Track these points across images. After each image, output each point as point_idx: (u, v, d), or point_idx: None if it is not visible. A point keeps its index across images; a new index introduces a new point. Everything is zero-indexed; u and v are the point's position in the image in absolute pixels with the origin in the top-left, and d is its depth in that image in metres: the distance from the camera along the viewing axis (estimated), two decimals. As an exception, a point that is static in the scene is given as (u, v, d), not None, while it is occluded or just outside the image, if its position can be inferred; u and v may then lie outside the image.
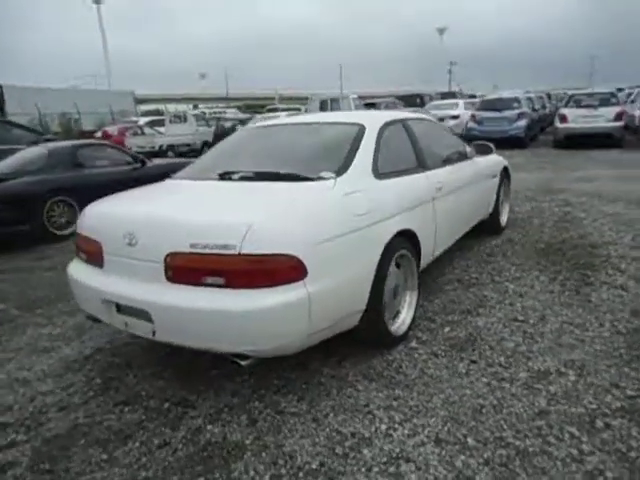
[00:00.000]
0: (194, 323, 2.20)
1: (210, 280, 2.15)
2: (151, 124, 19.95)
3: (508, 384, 2.48)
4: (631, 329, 2.96)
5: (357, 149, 2.88)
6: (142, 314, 2.37)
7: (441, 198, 3.42)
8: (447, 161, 3.81)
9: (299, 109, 20.68)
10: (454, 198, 3.67)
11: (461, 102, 17.25)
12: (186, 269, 2.21)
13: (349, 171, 2.70)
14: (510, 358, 2.72)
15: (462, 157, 4.11)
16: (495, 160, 4.90)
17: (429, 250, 3.32)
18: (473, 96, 26.68)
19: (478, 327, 3.12)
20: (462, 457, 1.99)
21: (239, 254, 2.09)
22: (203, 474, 2.01)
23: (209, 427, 2.30)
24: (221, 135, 16.93)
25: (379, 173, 2.86)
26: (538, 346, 2.83)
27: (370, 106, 16.30)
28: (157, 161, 8.43)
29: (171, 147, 16.45)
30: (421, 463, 1.98)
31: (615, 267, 4.02)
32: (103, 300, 2.50)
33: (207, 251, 2.13)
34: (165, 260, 2.25)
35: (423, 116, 4.23)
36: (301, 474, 1.97)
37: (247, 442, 2.18)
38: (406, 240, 2.91)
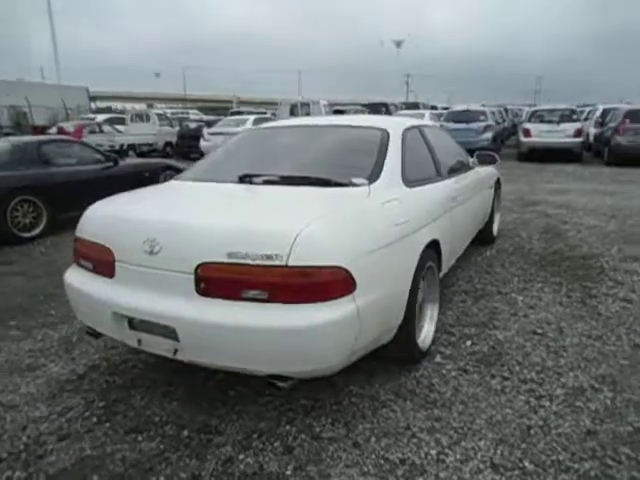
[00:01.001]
0: (229, 341, 1.97)
1: (250, 294, 1.94)
2: (110, 122, 19.08)
3: (548, 402, 2.40)
4: (648, 342, 2.98)
5: (385, 155, 2.74)
6: (163, 330, 2.12)
7: (456, 207, 3.35)
8: (457, 170, 3.75)
9: (265, 113, 20.41)
10: (464, 208, 3.61)
11: (427, 113, 17.57)
12: (222, 281, 1.98)
13: (381, 178, 2.56)
14: (541, 374, 2.65)
15: (468, 167, 4.07)
16: (490, 171, 4.91)
17: (448, 260, 3.23)
18: (434, 107, 27.39)
19: (499, 340, 3.04)
20: (525, 484, 1.88)
21: (286, 266, 1.89)
22: (246, 513, 1.79)
23: (241, 456, 2.07)
24: (187, 136, 16.48)
25: (408, 181, 2.73)
26: (564, 360, 2.79)
27: (339, 113, 16.31)
28: (130, 160, 7.97)
29: (132, 146, 15.76)
30: (484, 492, 1.85)
31: (612, 279, 4.09)
32: (114, 314, 2.22)
33: (248, 262, 1.92)
34: (196, 271, 2.01)
35: (432, 123, 4.16)
36: (356, 508, 1.79)
37: (288, 473, 1.97)
38: (433, 251, 2.80)
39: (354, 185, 2.49)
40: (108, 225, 2.34)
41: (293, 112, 15.01)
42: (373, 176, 2.56)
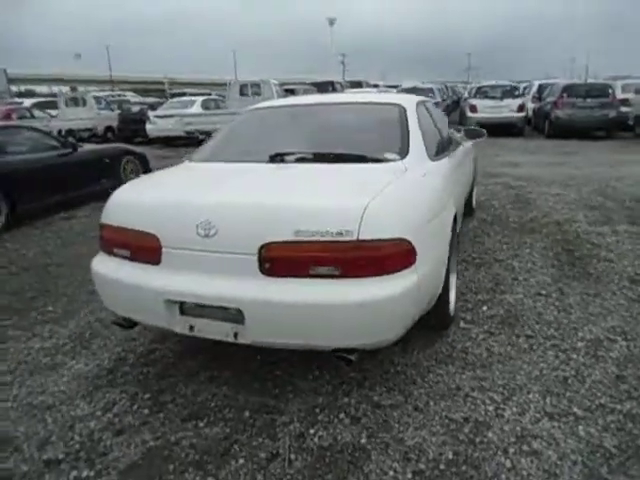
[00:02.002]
0: (299, 319, 1.98)
1: (319, 270, 1.95)
2: (39, 106, 17.70)
3: (574, 354, 2.61)
4: (638, 295, 3.30)
5: (408, 130, 2.80)
6: (221, 314, 2.09)
7: (459, 180, 3.49)
8: (453, 144, 3.88)
9: (209, 94, 19.75)
10: (461, 181, 3.76)
11: (374, 91, 17.75)
12: (289, 260, 1.97)
13: (411, 153, 2.62)
14: (559, 330, 2.87)
15: (459, 141, 4.22)
16: (469, 145, 5.11)
17: (458, 230, 3.37)
18: (376, 85, 27.65)
19: (511, 303, 3.24)
20: (581, 427, 2.06)
21: (357, 240, 1.91)
22: (338, 482, 1.83)
23: (311, 431, 2.11)
24: (129, 120, 15.65)
25: (431, 155, 2.81)
26: (574, 317, 3.02)
27: (289, 92, 16.12)
28: (88, 146, 7.49)
29: (70, 132, 14.74)
30: (549, 438, 2.00)
31: (589, 242, 4.44)
32: (165, 301, 2.15)
33: (317, 238, 1.92)
34: (260, 251, 1.98)
35: (428, 99, 4.25)
36: (442, 466, 1.88)
37: (363, 441, 2.03)
38: (454, 220, 2.92)
39: (388, 160, 2.53)
40: (151, 211, 2.23)
41: (243, 92, 14.63)
42: (403, 151, 2.61)
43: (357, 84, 24.65)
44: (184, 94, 19.73)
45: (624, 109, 12.73)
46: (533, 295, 3.36)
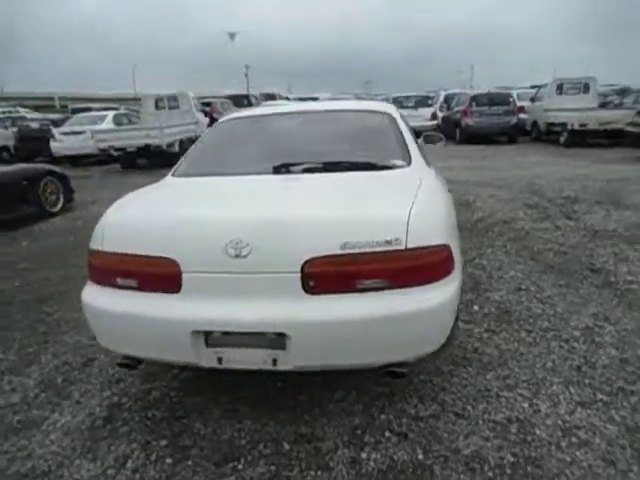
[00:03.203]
0: (351, 338, 1.86)
1: (367, 284, 1.85)
2: None
3: (575, 343, 2.75)
4: (604, 280, 3.58)
5: (403, 137, 2.81)
6: (258, 341, 1.90)
7: None
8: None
9: (117, 109, 18.58)
10: None
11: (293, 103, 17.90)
12: (336, 275, 1.84)
13: (414, 159, 2.62)
14: (552, 321, 3.02)
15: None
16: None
17: None
18: (287, 98, 27.90)
19: (498, 301, 3.36)
20: (613, 412, 2.15)
21: (405, 249, 1.84)
22: (413, 505, 1.73)
23: (363, 455, 1.98)
24: (28, 138, 14.20)
25: (425, 161, 2.83)
26: (560, 307, 3.20)
27: (207, 105, 15.70)
28: (1, 167, 6.62)
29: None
30: (590, 427, 2.07)
31: (538, 237, 4.77)
32: (192, 333, 1.91)
33: (365, 250, 1.82)
34: (302, 268, 1.84)
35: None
36: (508, 470, 1.86)
37: (420, 457, 1.95)
38: None
39: (396, 167, 2.50)
40: (166, 232, 1.97)
41: (158, 106, 13.92)
42: (406, 158, 2.60)
43: (271, 96, 24.68)
44: (89, 109, 18.39)
45: (522, 116, 14.07)
46: (514, 291, 3.51)
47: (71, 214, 7.09)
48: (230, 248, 1.85)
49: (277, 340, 1.89)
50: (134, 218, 2.11)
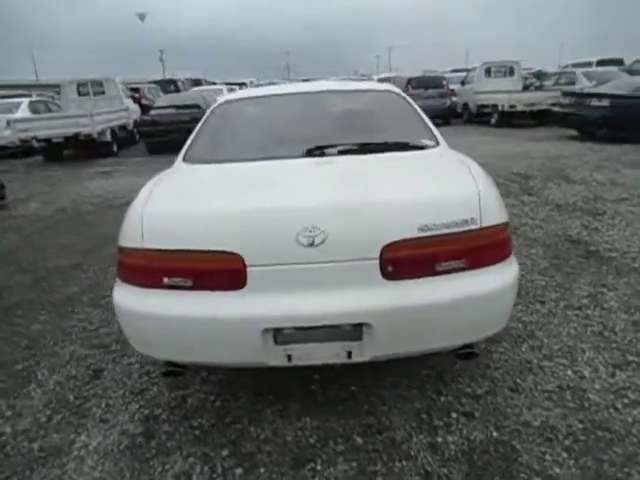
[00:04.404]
0: (432, 322, 1.81)
1: (446, 266, 1.80)
2: None
3: (588, 310, 2.91)
4: (586, 250, 3.83)
5: (421, 116, 2.78)
6: (333, 333, 1.80)
7: None
8: None
9: (30, 95, 16.85)
10: None
11: (225, 88, 17.32)
12: (416, 259, 1.77)
13: (439, 139, 2.58)
14: (557, 292, 3.17)
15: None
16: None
17: None
18: (214, 83, 26.91)
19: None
20: (648, 371, 2.30)
21: (480, 228, 1.82)
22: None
23: (439, 439, 1.96)
24: None
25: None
26: (559, 278, 3.37)
27: (135, 91, 14.72)
28: None
29: None
30: (635, 386, 2.19)
31: (510, 213, 4.98)
32: (263, 331, 1.75)
33: (444, 231, 1.77)
34: (381, 253, 1.75)
35: None
36: (582, 437, 1.92)
37: (496, 435, 1.97)
38: None
39: (429, 147, 2.46)
40: (226, 223, 1.78)
41: (80, 92, 12.81)
42: (433, 138, 2.57)
43: (197, 82, 23.68)
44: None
45: (454, 99, 14.65)
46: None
47: (7, 212, 6.35)
48: (302, 237, 1.72)
49: (353, 331, 1.79)
50: (182, 210, 1.88)
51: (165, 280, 1.81)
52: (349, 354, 1.83)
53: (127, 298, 1.89)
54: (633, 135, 9.07)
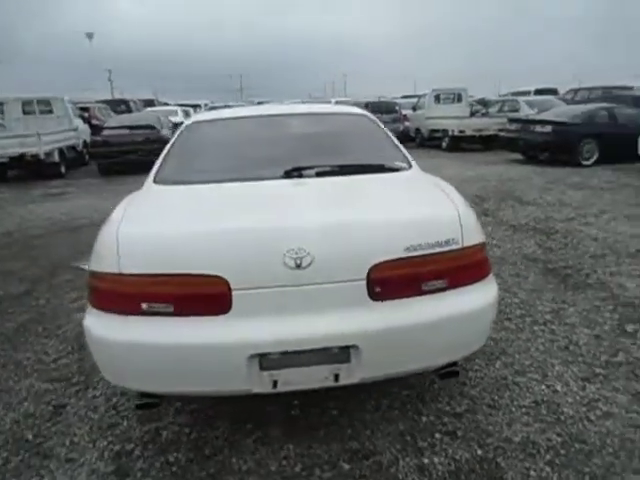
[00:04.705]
0: (419, 342, 1.82)
1: (430, 285, 1.82)
2: None
3: (552, 325, 3.03)
4: (544, 268, 4.01)
5: (392, 139, 2.84)
6: (319, 357, 1.77)
7: None
8: None
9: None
10: None
11: (179, 109, 17.13)
12: (401, 279, 1.78)
13: (411, 161, 2.65)
14: (522, 308, 3.28)
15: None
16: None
17: None
18: (166, 104, 26.51)
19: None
20: (614, 383, 2.41)
21: (462, 248, 1.86)
22: None
23: (425, 460, 1.95)
24: None
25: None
26: (522, 296, 3.50)
27: (84, 110, 14.26)
28: None
29: None
30: (605, 399, 2.28)
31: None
32: (249, 357, 1.70)
33: (428, 252, 1.80)
34: (368, 274, 1.75)
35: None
36: (562, 450, 1.97)
37: (480, 453, 1.98)
38: None
39: (402, 169, 2.52)
40: (209, 246, 1.72)
41: (25, 111, 12.23)
42: (404, 160, 2.63)
43: (149, 102, 23.30)
44: None
45: (406, 124, 15.17)
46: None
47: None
48: (289, 259, 1.69)
49: (340, 354, 1.77)
50: (161, 232, 1.81)
51: (144, 306, 1.73)
52: (336, 377, 1.80)
53: (100, 326, 1.78)
54: (572, 159, 9.71)
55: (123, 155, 10.59)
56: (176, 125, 14.58)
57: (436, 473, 1.88)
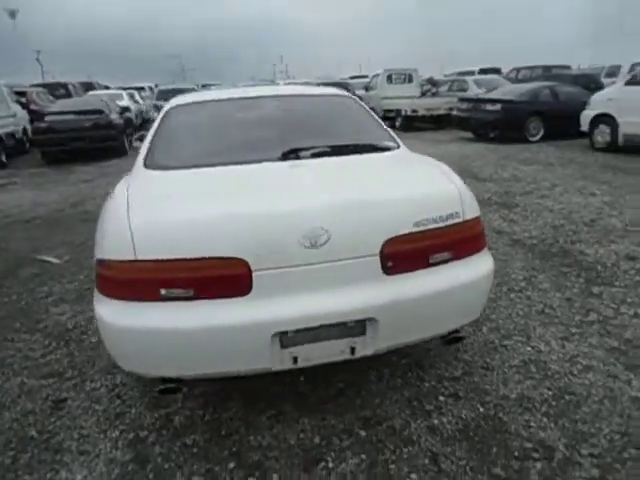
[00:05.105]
0: (429, 312, 1.94)
1: (437, 258, 1.93)
2: None
3: (527, 291, 3.25)
4: (511, 239, 4.25)
5: (377, 120, 2.91)
6: (336, 331, 1.84)
7: None
8: None
9: None
10: None
11: (124, 93, 16.36)
12: (411, 253, 1.87)
13: (398, 141, 2.74)
14: (496, 277, 3.49)
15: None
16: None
17: None
18: (107, 87, 25.19)
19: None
20: (589, 339, 2.64)
21: (464, 221, 1.98)
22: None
23: (435, 421, 2.08)
24: None
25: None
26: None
27: (20, 95, 13.33)
28: None
29: None
30: (583, 353, 2.51)
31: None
32: (273, 335, 1.74)
33: (434, 226, 1.90)
34: (381, 250, 1.83)
35: None
36: (553, 402, 2.16)
37: (482, 410, 2.13)
38: None
39: (392, 148, 2.60)
40: (228, 228, 1.73)
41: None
42: (392, 140, 2.71)
43: (89, 85, 22.06)
44: None
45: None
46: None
47: None
48: (305, 238, 1.74)
49: (356, 327, 1.85)
50: (177, 217, 1.79)
51: (163, 292, 1.72)
52: (352, 350, 1.89)
53: (116, 314, 1.76)
54: (520, 136, 10.19)
55: (70, 142, 10.05)
56: (124, 109, 14.02)
57: (446, 432, 2.01)
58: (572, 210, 5.09)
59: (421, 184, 2.09)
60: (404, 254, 1.87)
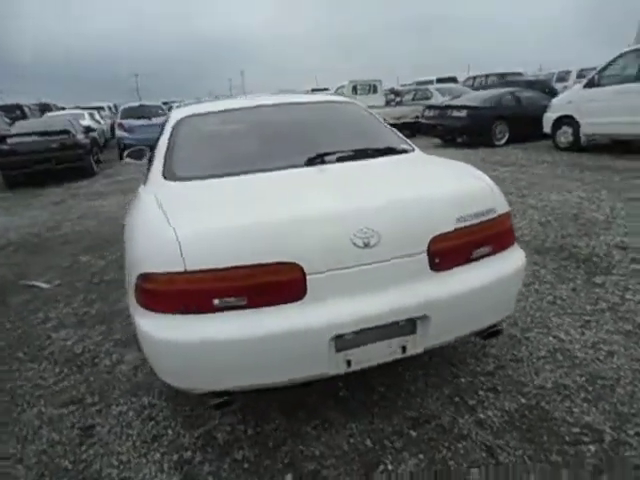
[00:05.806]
0: (476, 307, 1.96)
1: (478, 252, 1.97)
2: None
3: (537, 285, 3.34)
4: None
5: (384, 124, 2.96)
6: (388, 331, 1.84)
7: None
8: None
9: None
10: None
11: (86, 113, 15.93)
12: (456, 249, 1.90)
13: (411, 144, 2.79)
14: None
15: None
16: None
17: None
18: (63, 108, 24.47)
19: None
20: (605, 326, 2.74)
21: (498, 216, 2.03)
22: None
23: (481, 415, 2.10)
24: None
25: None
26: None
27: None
28: None
29: None
30: (603, 340, 2.60)
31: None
32: (331, 340, 1.72)
33: (474, 221, 1.94)
34: (428, 247, 1.85)
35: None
36: (589, 387, 2.22)
37: (524, 401, 2.17)
38: None
39: (410, 151, 2.64)
40: (281, 233, 1.70)
41: None
42: (406, 143, 2.76)
43: (46, 107, 21.44)
44: None
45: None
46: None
47: None
48: (357, 239, 1.74)
49: (407, 326, 1.86)
50: (225, 225, 1.75)
51: (215, 302, 1.68)
52: (404, 349, 1.89)
53: (166, 329, 1.70)
54: (486, 140, 10.55)
55: (35, 164, 9.66)
56: (88, 129, 13.58)
57: (495, 425, 2.04)
58: (554, 207, 5.29)
59: (455, 182, 2.13)
60: (450, 250, 1.89)
